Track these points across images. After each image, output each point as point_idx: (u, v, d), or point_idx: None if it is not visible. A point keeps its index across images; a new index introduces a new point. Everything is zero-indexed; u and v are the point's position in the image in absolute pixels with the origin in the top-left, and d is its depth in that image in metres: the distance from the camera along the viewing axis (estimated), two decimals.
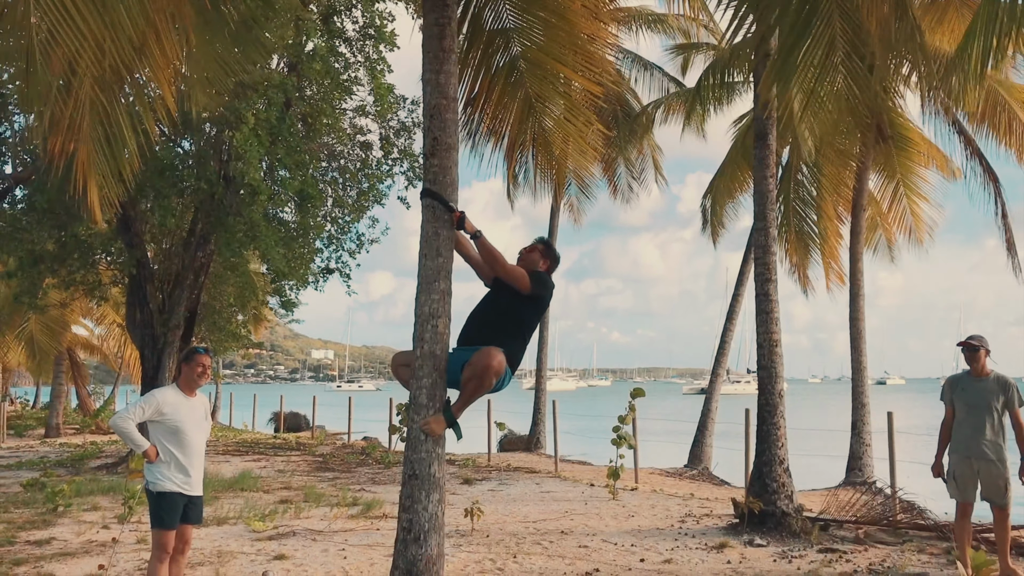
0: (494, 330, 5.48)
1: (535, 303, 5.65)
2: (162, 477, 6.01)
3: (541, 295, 5.68)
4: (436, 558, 5.21)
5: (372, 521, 10.68)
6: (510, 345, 5.45)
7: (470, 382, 5.29)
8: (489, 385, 5.28)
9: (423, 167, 5.71)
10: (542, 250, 5.93)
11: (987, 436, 7.48)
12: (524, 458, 20.03)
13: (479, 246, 5.51)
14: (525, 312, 5.62)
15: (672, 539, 9.56)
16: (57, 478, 13.08)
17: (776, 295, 10.60)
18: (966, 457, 7.61)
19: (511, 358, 5.44)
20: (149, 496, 6.11)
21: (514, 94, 7.53)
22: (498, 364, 5.22)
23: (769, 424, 10.23)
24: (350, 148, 17.28)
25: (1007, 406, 7.50)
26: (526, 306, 5.61)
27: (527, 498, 12.79)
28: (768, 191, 10.87)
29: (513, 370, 5.51)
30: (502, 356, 5.27)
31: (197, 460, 6.17)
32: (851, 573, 7.83)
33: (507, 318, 5.54)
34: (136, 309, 16.89)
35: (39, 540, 9.32)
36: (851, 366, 16.69)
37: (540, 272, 5.75)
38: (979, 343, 7.71)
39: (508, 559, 8.49)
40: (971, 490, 7.61)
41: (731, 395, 48.37)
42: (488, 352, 5.23)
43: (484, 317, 5.62)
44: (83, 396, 35.93)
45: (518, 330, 5.58)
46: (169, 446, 6.02)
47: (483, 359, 5.21)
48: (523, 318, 5.62)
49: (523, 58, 7.36)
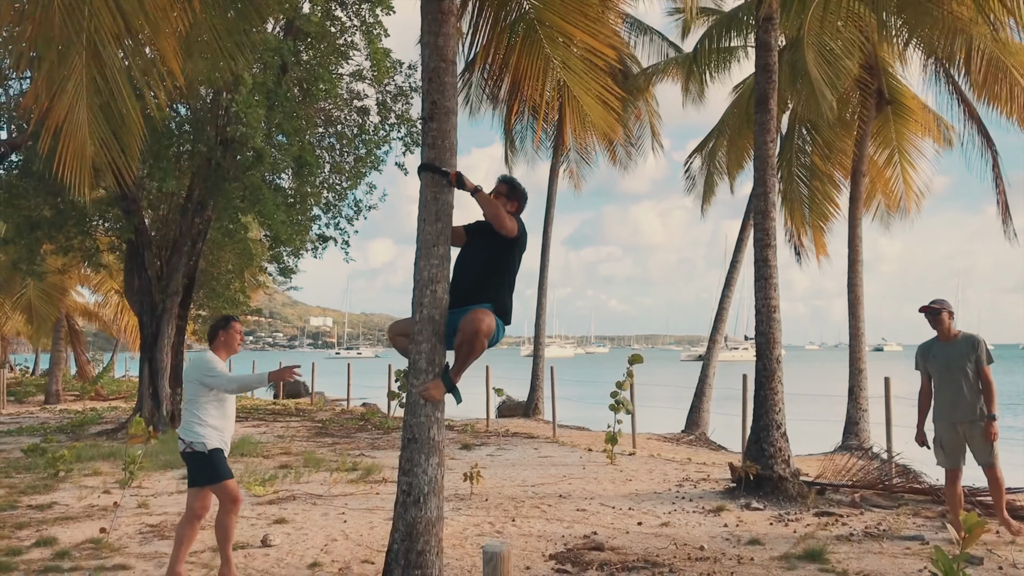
0: (483, 285, 5.46)
1: (517, 246, 5.60)
2: (210, 436, 6.22)
3: (521, 238, 5.62)
4: (436, 521, 5.24)
5: (371, 485, 10.75)
6: (500, 296, 5.45)
7: (462, 347, 5.28)
8: (482, 347, 5.27)
9: (422, 131, 5.66)
10: (506, 191, 5.76)
11: (967, 398, 7.55)
12: (522, 424, 20.14)
13: (480, 200, 5.45)
14: (510, 258, 5.60)
15: (669, 503, 9.63)
16: (58, 444, 13.14)
17: (775, 261, 10.59)
18: (950, 423, 7.67)
19: (502, 308, 5.45)
20: (199, 457, 6.20)
21: (532, 55, 7.47)
22: (487, 327, 5.21)
23: (767, 389, 10.26)
24: (347, 114, 17.19)
25: (977, 364, 7.58)
26: (510, 252, 5.57)
27: (526, 463, 12.87)
28: (768, 156, 10.82)
29: (507, 320, 5.49)
30: (490, 317, 5.26)
31: (231, 423, 6.47)
32: (847, 536, 7.89)
33: (494, 269, 5.52)
34: (134, 276, 16.88)
35: (41, 504, 9.38)
36: (849, 332, 16.72)
37: (514, 216, 5.64)
38: (940, 306, 7.77)
39: (507, 522, 8.56)
40: (959, 455, 7.68)
41: (729, 362, 48.55)
42: (474, 317, 5.20)
43: (470, 274, 5.56)
44: (82, 363, 36.01)
45: (506, 279, 5.57)
46: (214, 409, 6.28)
47: (471, 325, 5.19)
48: (509, 265, 5.60)
49: (536, 19, 7.31)
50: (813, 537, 7.82)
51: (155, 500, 9.66)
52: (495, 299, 5.42)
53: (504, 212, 5.46)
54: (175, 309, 16.88)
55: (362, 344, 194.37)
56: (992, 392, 7.54)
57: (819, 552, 7.05)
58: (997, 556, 7.06)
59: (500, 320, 5.40)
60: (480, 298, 5.38)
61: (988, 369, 7.59)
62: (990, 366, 7.63)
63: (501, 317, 5.42)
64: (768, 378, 10.28)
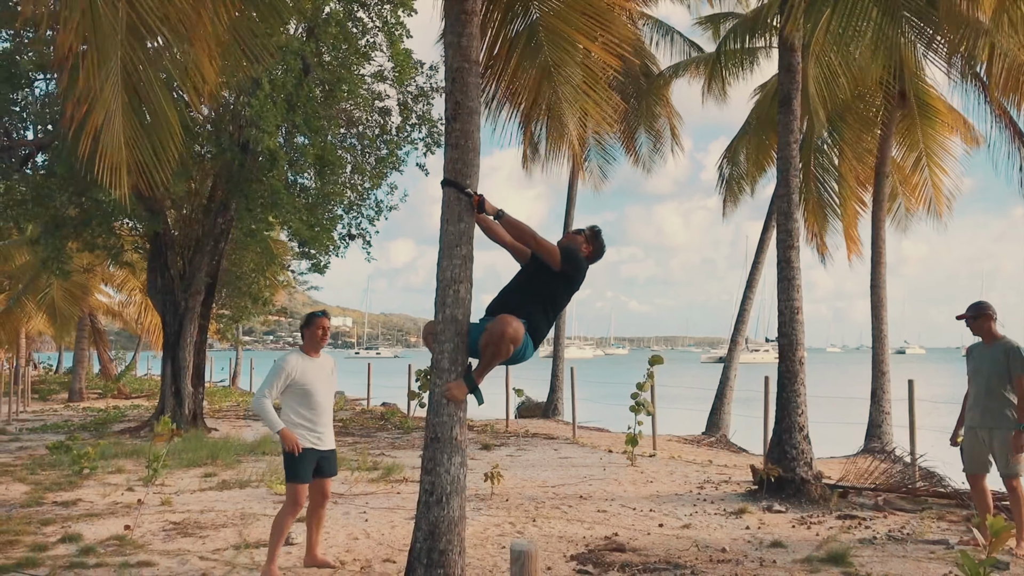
0: (519, 301, 5.46)
1: (565, 281, 5.60)
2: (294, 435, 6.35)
3: (572, 275, 5.62)
4: (458, 520, 5.25)
5: (392, 485, 10.77)
6: (533, 316, 5.42)
7: (487, 348, 5.29)
8: (506, 352, 5.27)
9: (445, 132, 5.67)
10: (588, 236, 5.89)
11: (988, 403, 7.40)
12: (542, 424, 20.13)
13: (505, 224, 5.48)
14: (553, 287, 5.58)
15: (691, 505, 9.60)
16: (82, 441, 13.25)
17: (798, 262, 10.54)
18: (970, 427, 7.59)
19: (534, 329, 5.41)
20: (284, 452, 6.44)
21: (532, 60, 7.46)
22: (513, 332, 5.21)
23: (789, 391, 10.21)
24: (369, 114, 17.23)
25: (1008, 371, 7.35)
26: (555, 282, 5.57)
27: (546, 463, 12.86)
28: (791, 157, 10.77)
29: (536, 343, 5.47)
30: (519, 324, 5.25)
31: (326, 418, 6.59)
32: (870, 539, 7.84)
33: (534, 289, 5.52)
34: (157, 275, 17.01)
35: (66, 501, 9.47)
36: (871, 334, 16.61)
37: (576, 252, 5.69)
38: (975, 311, 7.60)
39: (528, 523, 8.56)
40: (977, 462, 7.53)
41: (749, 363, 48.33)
42: (504, 319, 5.22)
43: (512, 288, 5.62)
44: (105, 361, 36.34)
45: (543, 303, 5.53)
46: (300, 408, 6.42)
47: (498, 326, 5.21)
48: (550, 292, 5.57)
49: (541, 25, 7.29)
50: (836, 540, 7.77)
51: (178, 498, 9.73)
52: (530, 318, 5.40)
53: (536, 235, 5.47)
54: (197, 308, 16.98)
55: (381, 344, 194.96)
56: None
57: (842, 555, 7.01)
58: (1022, 561, 6.99)
59: (529, 338, 5.39)
60: (517, 311, 5.37)
61: (1022, 378, 7.27)
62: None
63: (532, 336, 5.42)
64: (791, 380, 10.23)
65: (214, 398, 27.10)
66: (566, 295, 5.71)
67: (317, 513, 6.76)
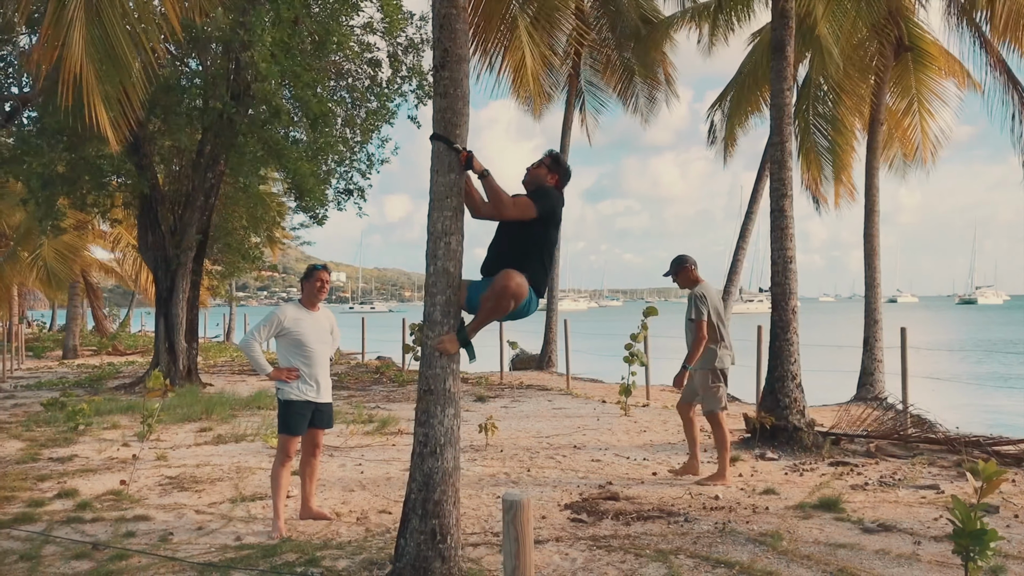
0: (512, 259, 5.36)
1: (545, 222, 5.50)
2: (288, 386, 6.44)
3: (550, 212, 5.50)
4: (452, 471, 5.26)
5: (387, 437, 10.83)
6: (532, 269, 5.34)
7: (487, 302, 5.21)
8: (506, 307, 5.19)
9: (433, 80, 5.56)
10: (549, 164, 5.72)
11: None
12: (536, 376, 20.22)
13: (485, 186, 5.35)
14: (538, 233, 5.44)
15: (684, 453, 9.64)
16: (76, 398, 13.27)
17: (791, 211, 10.48)
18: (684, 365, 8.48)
19: (535, 282, 5.31)
20: (278, 403, 6.55)
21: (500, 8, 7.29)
22: (516, 285, 5.13)
23: (782, 340, 10.23)
24: (358, 66, 17.01)
25: (686, 315, 8.40)
26: (540, 226, 5.46)
27: (540, 414, 12.93)
28: (785, 104, 10.66)
29: (540, 294, 5.39)
30: (521, 278, 5.17)
31: (322, 370, 6.61)
32: (862, 485, 7.91)
33: (522, 243, 5.41)
34: (148, 231, 16.91)
35: (61, 457, 9.51)
36: (864, 283, 16.61)
37: (545, 188, 5.56)
38: (675, 267, 8.52)
39: (522, 472, 8.61)
40: (685, 394, 8.64)
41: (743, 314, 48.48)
42: (506, 273, 5.13)
43: (499, 247, 5.49)
44: (99, 318, 36.33)
45: (539, 252, 5.42)
46: (293, 358, 6.48)
47: (500, 279, 5.12)
48: (541, 238, 5.44)
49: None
50: (828, 486, 7.84)
51: (173, 452, 9.77)
52: (527, 270, 5.31)
53: (507, 203, 5.30)
54: (189, 264, 16.92)
55: (376, 299, 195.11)
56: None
57: (834, 501, 7.07)
58: (1012, 504, 7.06)
59: (532, 291, 5.32)
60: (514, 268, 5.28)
61: (695, 322, 8.27)
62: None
63: (535, 289, 5.34)
64: (784, 329, 10.24)
65: (208, 354, 27.15)
66: (552, 233, 5.58)
67: (310, 464, 6.78)
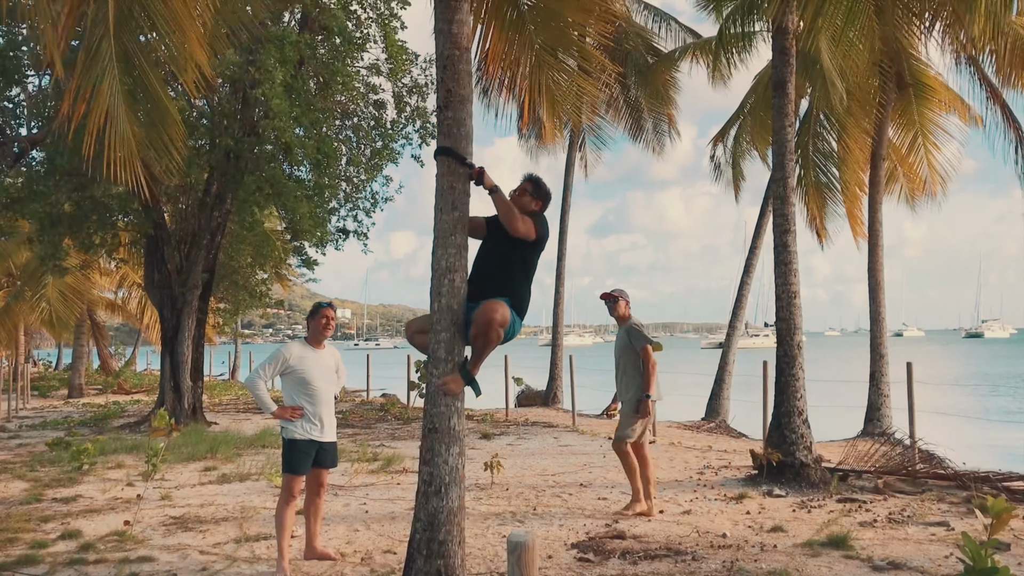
0: (501, 281, 5.45)
1: (537, 245, 5.64)
2: (292, 425, 6.42)
3: (545, 237, 5.70)
4: (457, 510, 5.23)
5: (392, 476, 10.77)
6: (518, 291, 5.46)
7: (477, 339, 5.28)
8: (497, 339, 5.26)
9: (437, 120, 5.63)
10: (531, 190, 5.81)
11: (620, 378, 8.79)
12: (541, 413, 20.13)
13: (495, 201, 5.44)
14: (529, 256, 5.62)
15: (691, 490, 9.60)
16: (81, 437, 13.25)
17: (795, 246, 10.51)
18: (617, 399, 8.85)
19: (519, 304, 5.45)
20: (283, 442, 6.53)
21: (523, 47, 7.38)
22: (500, 317, 5.21)
23: (788, 375, 10.20)
24: (363, 107, 17.17)
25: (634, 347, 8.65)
26: (529, 250, 5.59)
27: (545, 452, 12.86)
28: (787, 140, 10.72)
29: (522, 315, 5.49)
30: (504, 308, 5.25)
31: (327, 409, 6.59)
32: (871, 522, 7.84)
33: (512, 265, 5.52)
34: (154, 270, 16.98)
35: (65, 497, 9.46)
36: (869, 317, 16.57)
37: (538, 215, 5.72)
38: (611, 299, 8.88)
39: (528, 511, 8.55)
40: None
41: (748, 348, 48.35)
42: (488, 307, 5.21)
43: (487, 268, 5.56)
44: (104, 356, 36.30)
45: (524, 273, 5.58)
46: (298, 397, 6.46)
47: (484, 315, 5.19)
48: (526, 262, 5.61)
49: (533, 9, 7.22)
50: (837, 523, 7.77)
51: (178, 492, 9.72)
52: (512, 294, 5.41)
53: (518, 216, 5.46)
54: (195, 303, 16.95)
55: (381, 335, 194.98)
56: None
57: (843, 538, 7.01)
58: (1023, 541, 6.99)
59: (516, 314, 5.39)
60: (497, 293, 5.36)
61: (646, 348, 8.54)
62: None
63: (517, 312, 5.41)
64: (789, 364, 10.22)
65: (214, 392, 27.10)
66: (539, 256, 5.74)
67: (314, 503, 6.75)
